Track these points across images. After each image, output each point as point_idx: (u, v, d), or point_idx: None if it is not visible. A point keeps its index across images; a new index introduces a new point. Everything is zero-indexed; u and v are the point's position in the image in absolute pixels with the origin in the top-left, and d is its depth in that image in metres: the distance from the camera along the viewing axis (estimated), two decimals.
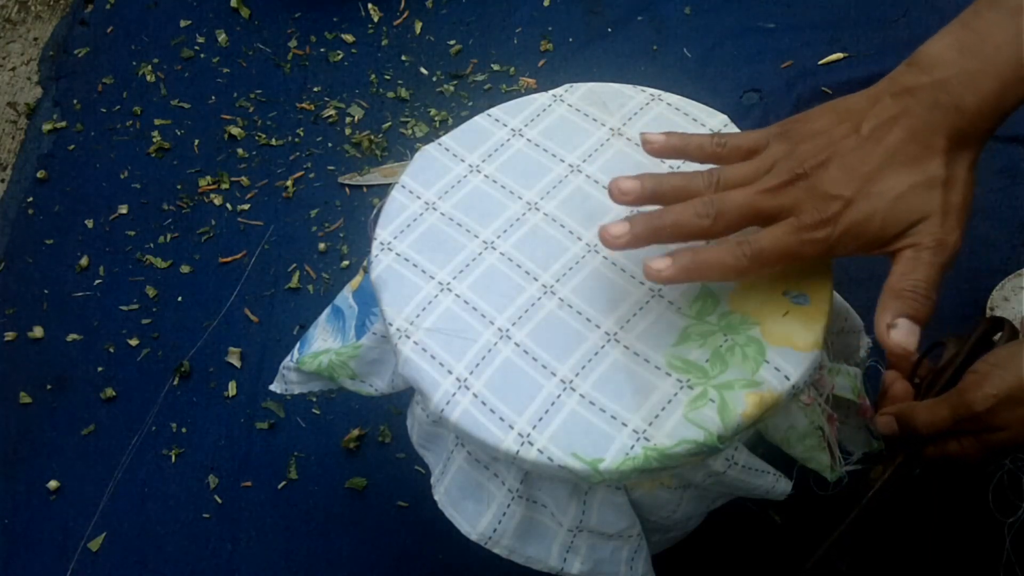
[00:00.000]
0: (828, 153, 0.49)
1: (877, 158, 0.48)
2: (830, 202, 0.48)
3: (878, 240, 0.48)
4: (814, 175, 0.49)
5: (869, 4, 1.07)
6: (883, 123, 0.49)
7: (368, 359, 0.61)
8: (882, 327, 0.48)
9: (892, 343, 0.47)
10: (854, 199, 0.48)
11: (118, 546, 0.84)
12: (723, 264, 0.49)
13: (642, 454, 0.49)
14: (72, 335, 0.96)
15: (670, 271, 0.49)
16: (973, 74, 0.48)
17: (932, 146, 0.48)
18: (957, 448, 0.58)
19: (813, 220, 0.48)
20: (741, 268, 0.49)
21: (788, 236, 0.49)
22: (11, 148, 1.11)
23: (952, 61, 0.48)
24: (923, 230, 0.47)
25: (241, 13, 1.17)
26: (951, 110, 0.48)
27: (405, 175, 0.61)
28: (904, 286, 0.48)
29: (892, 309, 0.48)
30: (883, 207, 0.48)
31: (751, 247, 0.49)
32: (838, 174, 0.48)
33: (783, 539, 0.76)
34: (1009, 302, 0.82)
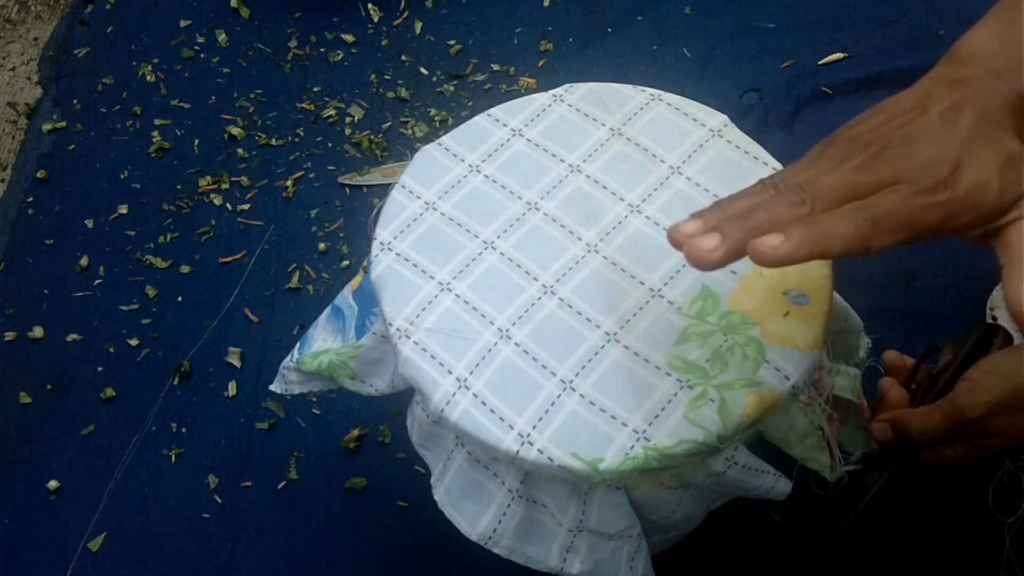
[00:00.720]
0: (908, 131, 0.44)
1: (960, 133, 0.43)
2: (939, 164, 0.43)
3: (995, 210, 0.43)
4: (903, 145, 0.44)
5: (869, 4, 1.07)
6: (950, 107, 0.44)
7: (368, 359, 0.61)
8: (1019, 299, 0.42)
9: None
10: (962, 164, 0.43)
11: (118, 546, 0.84)
12: (847, 233, 0.42)
13: (642, 454, 0.49)
14: (72, 335, 0.96)
15: (786, 247, 0.42)
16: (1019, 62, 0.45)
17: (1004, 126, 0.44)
18: (951, 454, 0.58)
19: (929, 182, 0.42)
20: (865, 237, 0.42)
21: (906, 200, 0.43)
22: (11, 148, 1.11)
23: (997, 52, 0.46)
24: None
25: (241, 13, 1.17)
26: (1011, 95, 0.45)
27: (405, 175, 0.61)
28: None
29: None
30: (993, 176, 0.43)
31: (870, 211, 0.42)
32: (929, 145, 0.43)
33: (783, 539, 0.76)
34: None
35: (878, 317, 0.84)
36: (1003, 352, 0.58)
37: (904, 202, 0.43)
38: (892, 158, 0.44)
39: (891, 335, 0.82)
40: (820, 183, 0.44)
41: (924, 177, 0.43)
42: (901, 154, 0.44)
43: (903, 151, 0.44)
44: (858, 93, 1.01)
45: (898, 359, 0.64)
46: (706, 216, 0.45)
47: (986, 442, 0.56)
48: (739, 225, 0.43)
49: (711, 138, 0.61)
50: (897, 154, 0.44)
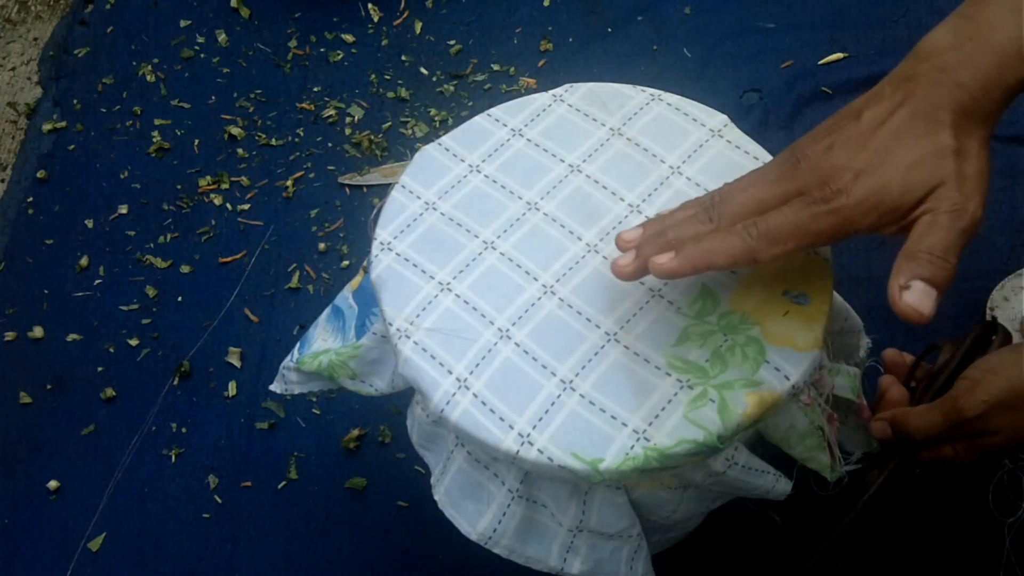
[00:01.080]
0: (830, 140, 0.48)
1: (883, 137, 0.47)
2: (840, 173, 0.46)
3: (897, 209, 0.46)
4: (818, 158, 0.47)
5: (869, 4, 1.07)
6: (885, 109, 0.47)
7: (368, 359, 0.61)
8: (894, 289, 0.45)
9: (903, 304, 0.45)
10: (865, 170, 0.46)
11: (118, 546, 0.84)
12: (731, 248, 0.47)
13: (642, 454, 0.49)
14: (72, 335, 0.96)
15: (673, 263, 0.48)
16: (971, 54, 0.47)
17: (938, 120, 0.46)
18: (950, 453, 0.58)
19: (823, 192, 0.46)
20: (750, 250, 0.47)
21: (798, 212, 0.47)
22: (11, 148, 1.11)
23: (949, 46, 0.48)
24: (939, 195, 0.45)
25: (241, 13, 1.17)
26: (952, 87, 0.47)
27: (405, 175, 0.61)
28: (919, 248, 0.45)
29: (906, 271, 0.45)
30: (898, 176, 0.46)
31: (758, 227, 0.47)
32: (843, 153, 0.47)
33: (783, 539, 0.76)
34: (1009, 302, 0.82)
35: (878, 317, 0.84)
36: (1002, 351, 0.58)
37: (795, 214, 0.47)
38: (802, 171, 0.48)
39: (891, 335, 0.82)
40: (732, 201, 0.49)
41: (821, 188, 0.47)
42: (811, 166, 0.48)
43: (815, 163, 0.48)
44: (858, 93, 0.98)
45: (897, 357, 0.64)
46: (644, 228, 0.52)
47: (985, 441, 0.56)
48: (652, 243, 0.50)
49: (711, 138, 0.61)
50: (808, 167, 0.48)
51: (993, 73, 0.47)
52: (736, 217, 0.49)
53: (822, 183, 0.47)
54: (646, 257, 0.50)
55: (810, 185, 0.47)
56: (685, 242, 0.49)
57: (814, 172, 0.47)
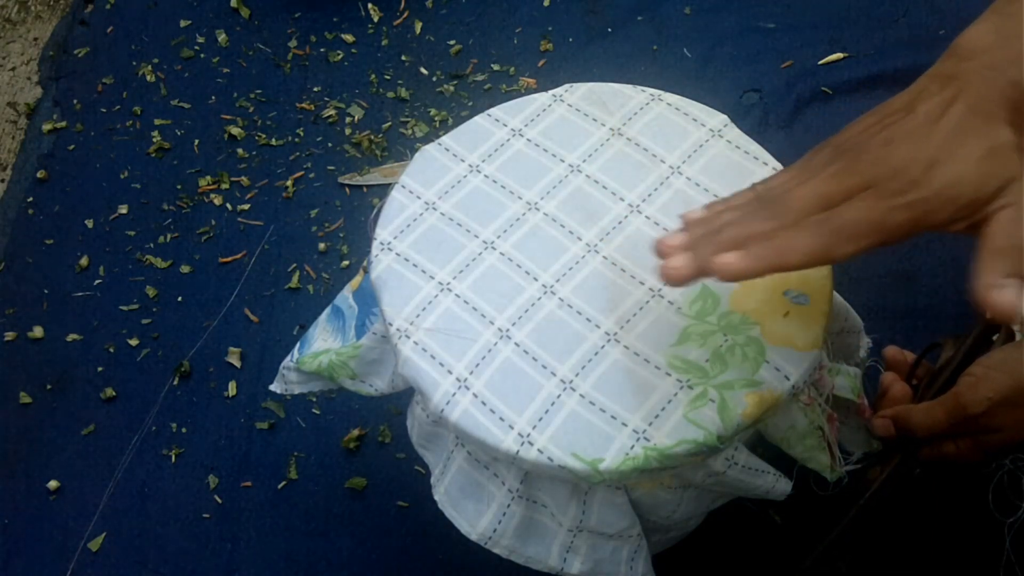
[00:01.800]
0: (888, 133, 0.45)
1: (943, 131, 0.44)
2: (911, 165, 0.44)
3: (975, 202, 0.43)
4: (880, 150, 0.45)
5: (869, 4, 1.07)
6: (938, 103, 0.45)
7: (368, 359, 0.61)
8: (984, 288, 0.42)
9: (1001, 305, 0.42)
10: (936, 161, 0.44)
11: (118, 546, 0.84)
12: (805, 246, 0.44)
13: (642, 454, 0.49)
14: (72, 335, 0.95)
15: (744, 263, 0.45)
16: (1020, 51, 0.45)
17: (995, 117, 0.44)
18: (953, 450, 0.58)
19: (898, 184, 0.44)
20: (826, 247, 0.44)
21: (872, 206, 0.44)
22: (11, 148, 1.11)
23: (995, 44, 0.46)
24: (1014, 190, 0.43)
25: (241, 13, 1.17)
26: (1004, 85, 0.45)
27: (405, 175, 0.61)
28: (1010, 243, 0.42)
29: (997, 269, 0.42)
30: (970, 169, 0.43)
31: (832, 222, 0.44)
32: (907, 146, 0.44)
33: (783, 539, 0.76)
34: None
35: (878, 317, 0.84)
36: (1006, 347, 0.58)
37: (869, 209, 0.44)
38: (866, 163, 0.45)
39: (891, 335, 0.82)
40: (792, 196, 0.46)
41: (893, 180, 0.44)
42: (875, 158, 0.45)
43: (878, 155, 0.45)
44: (858, 93, 1.00)
45: (899, 355, 0.64)
46: (689, 229, 0.48)
47: (988, 438, 0.56)
48: (708, 242, 0.47)
49: (711, 138, 0.61)
50: (871, 159, 0.45)
51: None
52: (800, 213, 0.45)
53: (893, 175, 0.44)
54: (705, 258, 0.46)
55: (879, 178, 0.44)
56: (750, 240, 0.46)
57: (880, 164, 0.45)
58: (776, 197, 0.46)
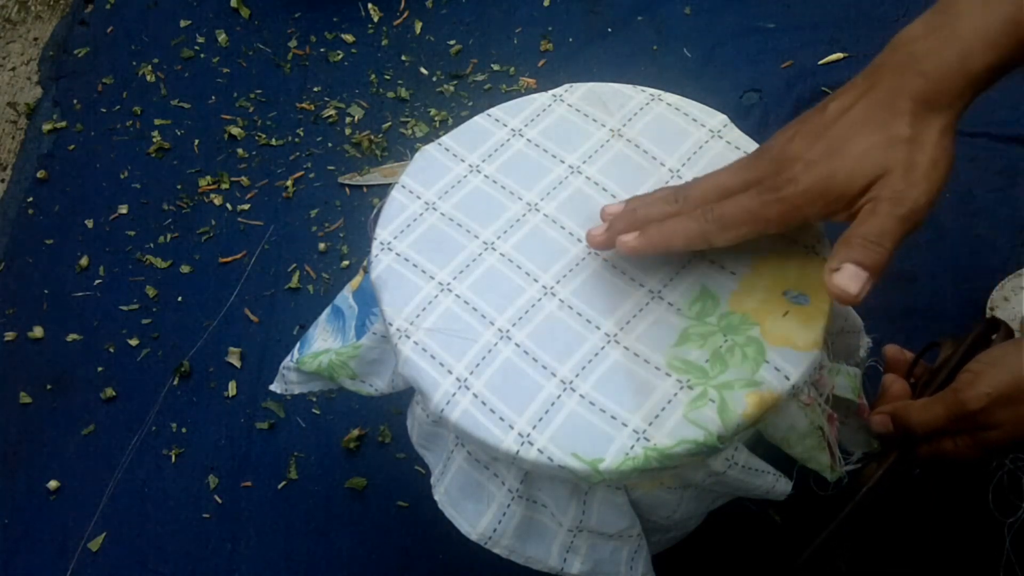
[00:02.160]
0: (794, 131, 0.50)
1: (841, 127, 0.49)
2: (791, 163, 0.49)
3: (843, 197, 0.48)
4: (778, 148, 0.50)
5: (869, 4, 1.07)
6: (849, 99, 0.50)
7: (368, 359, 0.61)
8: (826, 271, 0.48)
9: (831, 284, 0.48)
10: (816, 160, 0.48)
11: (118, 546, 0.84)
12: (687, 231, 0.51)
13: (642, 454, 0.49)
14: (72, 335, 0.96)
15: (635, 242, 0.52)
16: (936, 43, 0.49)
17: (897, 109, 0.48)
18: (951, 447, 0.58)
19: (775, 181, 0.49)
20: (704, 233, 0.51)
21: (751, 199, 0.50)
22: (11, 148, 1.11)
23: (919, 36, 0.50)
24: (883, 184, 0.47)
25: (241, 13, 1.17)
26: (914, 75, 0.48)
27: (405, 175, 0.61)
28: (854, 233, 0.48)
29: (839, 255, 0.48)
30: (845, 165, 0.48)
31: (713, 212, 0.50)
32: (802, 143, 0.49)
33: (783, 539, 0.76)
34: (1009, 302, 0.82)
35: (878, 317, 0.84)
36: (1004, 344, 0.58)
37: (748, 201, 0.50)
38: (763, 160, 0.51)
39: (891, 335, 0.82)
40: (695, 187, 0.53)
41: (773, 177, 0.49)
42: (770, 157, 0.50)
43: (774, 153, 0.50)
44: None
45: (899, 353, 0.64)
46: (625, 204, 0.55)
47: (987, 435, 0.56)
48: (624, 219, 0.54)
49: (711, 138, 0.61)
50: (768, 157, 0.51)
51: (955, 61, 0.48)
52: (699, 201, 0.52)
53: (775, 173, 0.49)
54: (616, 231, 0.53)
55: (766, 174, 0.50)
56: (650, 223, 0.52)
57: (772, 162, 0.50)
58: (687, 187, 0.53)
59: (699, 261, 0.56)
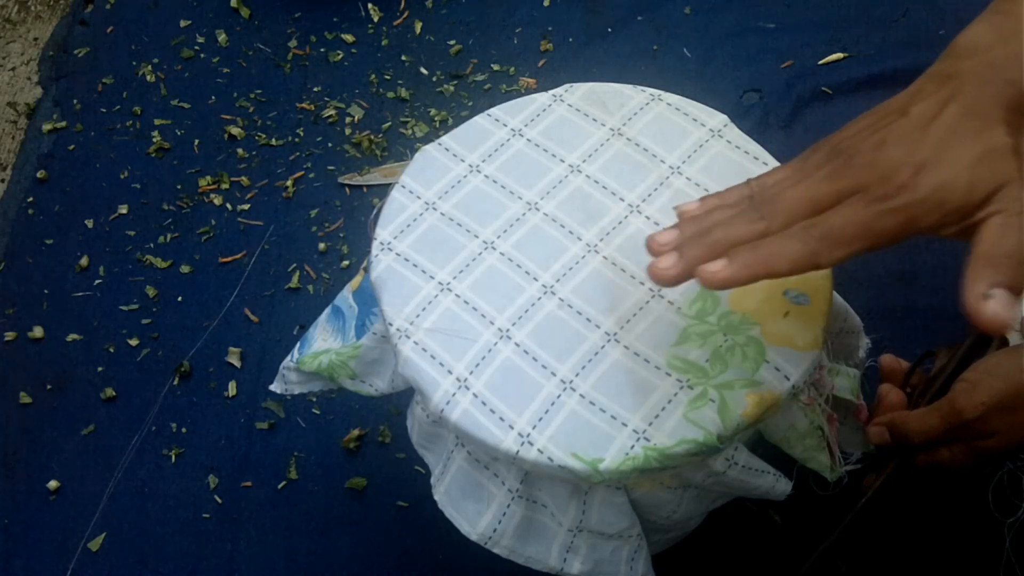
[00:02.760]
0: (881, 135, 0.45)
1: (937, 133, 0.44)
2: (900, 168, 0.43)
3: (964, 207, 0.43)
4: (871, 154, 0.44)
5: (869, 4, 1.07)
6: (933, 104, 0.45)
7: (368, 359, 0.61)
8: (974, 298, 0.42)
9: (989, 316, 0.41)
10: (926, 165, 0.43)
11: (118, 546, 0.84)
12: (792, 254, 0.44)
13: (642, 454, 0.49)
14: (72, 335, 0.96)
15: (728, 271, 0.45)
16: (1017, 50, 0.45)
17: (991, 118, 0.44)
18: (948, 455, 0.58)
19: (886, 189, 0.43)
20: (812, 254, 0.44)
21: (860, 211, 0.43)
22: (11, 148, 1.11)
23: (993, 43, 0.45)
24: (1007, 196, 0.42)
25: (241, 13, 1.17)
26: (1003, 85, 0.44)
27: (405, 175, 0.61)
28: (1000, 252, 0.42)
29: (987, 278, 0.42)
30: (962, 172, 0.43)
31: (819, 228, 0.44)
32: (899, 148, 0.44)
33: (783, 539, 0.76)
34: None
35: (878, 317, 0.84)
36: (1000, 352, 0.58)
37: (856, 214, 0.44)
38: (857, 167, 0.44)
39: (891, 335, 0.82)
40: (782, 198, 0.45)
41: (882, 184, 0.43)
42: (866, 162, 0.44)
43: (869, 158, 0.44)
44: (858, 93, 1.00)
45: (894, 363, 0.64)
46: (681, 226, 0.48)
47: (983, 443, 0.56)
48: (697, 243, 0.46)
49: (711, 138, 0.61)
50: (862, 162, 0.44)
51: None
52: (790, 216, 0.45)
53: (882, 179, 0.43)
54: (692, 260, 0.46)
55: (868, 182, 0.44)
56: (737, 246, 0.45)
57: (870, 168, 0.44)
58: (768, 199, 0.46)
59: None
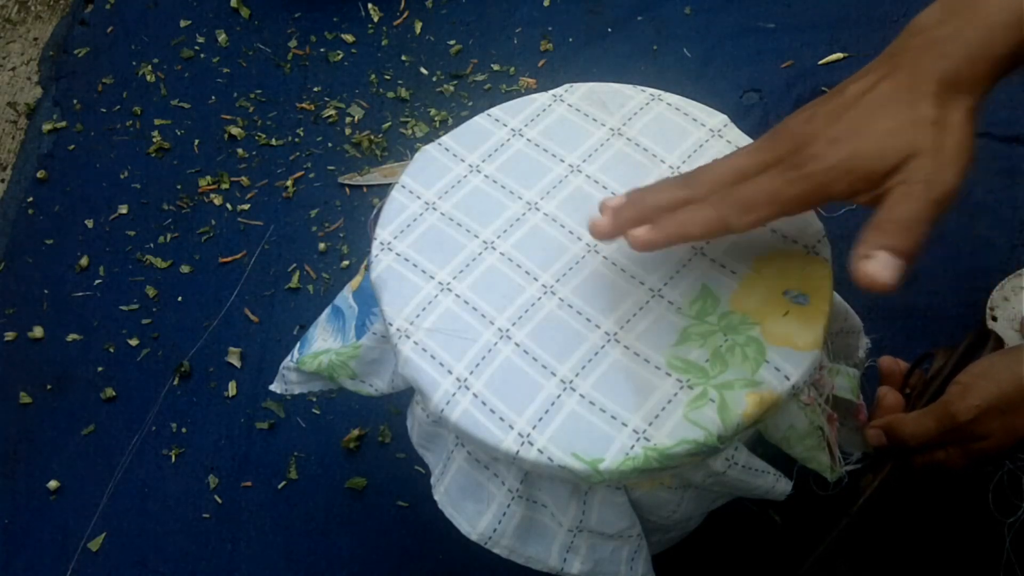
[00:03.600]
0: (811, 112, 0.48)
1: (863, 108, 0.47)
2: (815, 141, 0.46)
3: (871, 176, 0.45)
4: (796, 127, 0.48)
5: (869, 4, 1.07)
6: (869, 81, 0.48)
7: (368, 359, 0.61)
8: (856, 258, 0.45)
9: (861, 273, 0.44)
10: (840, 137, 0.46)
11: (118, 546, 0.84)
12: (704, 219, 0.48)
13: (642, 454, 0.49)
14: (72, 335, 0.96)
15: (649, 235, 0.49)
16: (958, 26, 0.47)
17: (920, 91, 0.46)
18: (943, 457, 0.58)
19: (798, 158, 0.46)
20: (722, 219, 0.48)
21: (772, 179, 0.47)
22: (11, 148, 1.11)
23: (940, 21, 0.48)
24: (914, 166, 0.45)
25: (241, 13, 1.17)
26: (937, 58, 0.46)
27: (405, 175, 0.61)
28: (891, 217, 0.45)
29: (871, 241, 0.45)
30: (872, 143, 0.45)
31: (732, 196, 0.48)
32: (822, 122, 0.47)
33: (783, 539, 0.76)
34: (1009, 302, 0.82)
35: (878, 317, 0.84)
36: (993, 355, 0.58)
37: (769, 181, 0.47)
38: (780, 139, 0.48)
39: (891, 335, 0.82)
40: (707, 171, 0.50)
41: (796, 154, 0.47)
42: (789, 135, 0.48)
43: (793, 132, 0.48)
44: None
45: (893, 365, 0.65)
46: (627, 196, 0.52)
47: (978, 445, 0.56)
48: (631, 208, 0.51)
49: (711, 138, 0.61)
50: (786, 135, 0.48)
51: (979, 43, 0.46)
52: (714, 185, 0.49)
53: (796, 149, 0.47)
54: (623, 222, 0.51)
55: (786, 153, 0.47)
56: (661, 213, 0.49)
57: (791, 140, 0.47)
58: (701, 171, 0.50)
59: (700, 260, 0.56)
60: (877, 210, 0.46)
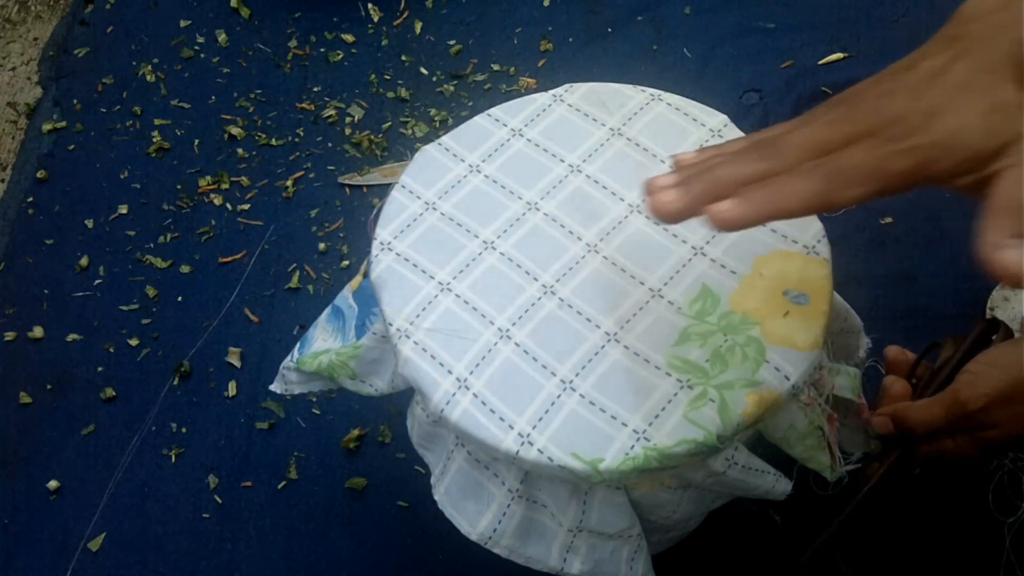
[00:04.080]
0: (888, 86, 0.43)
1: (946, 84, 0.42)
2: (910, 114, 0.42)
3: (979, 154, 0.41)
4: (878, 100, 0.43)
5: (869, 4, 1.07)
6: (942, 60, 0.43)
7: (368, 359, 0.61)
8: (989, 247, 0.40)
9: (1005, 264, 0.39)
10: (937, 111, 0.41)
11: (118, 546, 0.84)
12: (804, 191, 0.42)
13: (642, 454, 0.49)
14: (72, 335, 0.95)
15: (738, 210, 0.43)
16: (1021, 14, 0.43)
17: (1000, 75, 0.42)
18: (951, 446, 0.58)
19: (898, 130, 0.42)
20: (823, 193, 0.42)
21: (872, 151, 0.42)
22: (11, 148, 1.11)
23: (998, 7, 0.44)
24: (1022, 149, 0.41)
25: (241, 13, 1.17)
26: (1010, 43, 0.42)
27: (405, 175, 0.61)
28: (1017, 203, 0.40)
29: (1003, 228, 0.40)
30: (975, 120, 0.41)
31: (829, 166, 0.42)
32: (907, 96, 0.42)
33: (783, 539, 0.76)
34: (1009, 302, 0.82)
35: (878, 317, 0.84)
36: (1003, 345, 0.58)
37: (868, 153, 0.42)
38: (864, 111, 0.43)
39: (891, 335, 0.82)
40: (787, 140, 0.44)
41: (893, 126, 0.42)
42: (874, 107, 0.43)
43: (876, 104, 0.43)
44: None
45: (900, 354, 0.65)
46: (680, 171, 0.46)
47: (986, 434, 0.56)
48: (701, 179, 0.44)
49: (711, 138, 0.61)
50: (869, 107, 0.43)
51: None
52: (798, 157, 0.43)
53: (892, 122, 0.42)
54: (697, 196, 0.44)
55: (878, 125, 0.42)
56: (745, 185, 0.43)
57: (879, 112, 0.43)
58: (771, 141, 0.45)
59: (700, 260, 0.56)
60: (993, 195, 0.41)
